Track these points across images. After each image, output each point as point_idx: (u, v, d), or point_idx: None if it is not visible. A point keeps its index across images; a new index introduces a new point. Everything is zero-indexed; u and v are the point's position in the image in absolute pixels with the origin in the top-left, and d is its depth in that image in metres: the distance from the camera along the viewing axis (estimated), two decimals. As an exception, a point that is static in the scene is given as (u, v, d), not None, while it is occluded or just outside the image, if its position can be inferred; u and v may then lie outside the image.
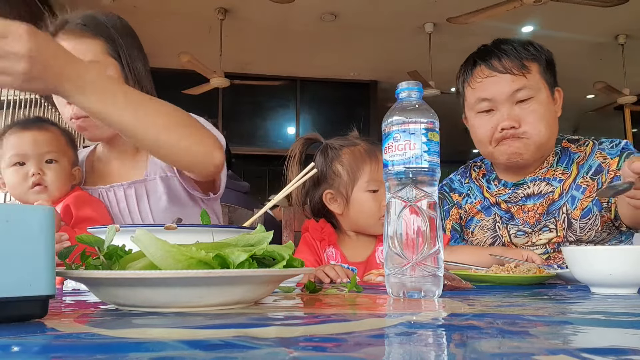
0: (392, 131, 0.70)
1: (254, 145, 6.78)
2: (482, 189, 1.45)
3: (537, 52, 1.32)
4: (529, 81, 1.28)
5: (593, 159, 1.34)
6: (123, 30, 1.23)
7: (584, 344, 0.36)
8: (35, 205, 0.43)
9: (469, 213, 1.45)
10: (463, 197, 1.48)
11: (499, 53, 1.31)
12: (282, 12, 5.09)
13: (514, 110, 1.29)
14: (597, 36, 5.73)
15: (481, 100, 1.32)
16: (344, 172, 1.32)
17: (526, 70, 1.28)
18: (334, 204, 1.34)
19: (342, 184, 1.32)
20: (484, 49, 1.37)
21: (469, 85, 1.36)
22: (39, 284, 0.42)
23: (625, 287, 0.75)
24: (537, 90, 1.29)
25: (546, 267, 1.09)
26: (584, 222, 1.30)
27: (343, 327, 0.41)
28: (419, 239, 0.67)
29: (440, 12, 5.10)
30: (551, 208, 1.33)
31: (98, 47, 1.17)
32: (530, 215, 1.35)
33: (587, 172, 1.33)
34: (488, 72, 1.31)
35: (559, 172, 1.36)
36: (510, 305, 0.58)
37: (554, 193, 1.34)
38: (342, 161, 1.33)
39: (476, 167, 1.52)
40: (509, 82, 1.28)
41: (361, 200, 1.30)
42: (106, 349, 0.33)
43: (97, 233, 0.65)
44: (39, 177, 1.16)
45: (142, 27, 6.04)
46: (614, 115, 7.51)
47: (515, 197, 1.38)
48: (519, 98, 1.28)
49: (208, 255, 0.51)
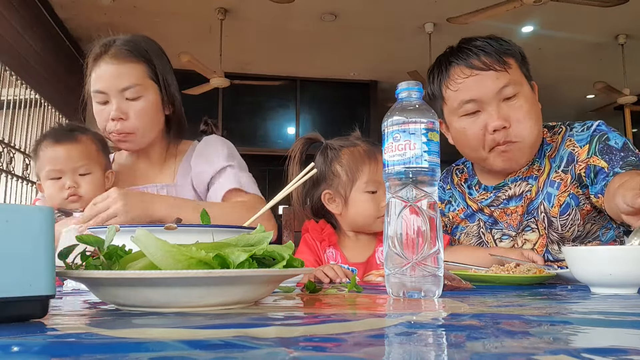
0: (392, 131, 0.70)
1: (254, 145, 6.78)
2: (464, 195, 1.40)
3: (510, 46, 1.25)
4: (512, 76, 1.21)
5: (563, 149, 1.27)
6: (160, 55, 1.36)
7: (584, 344, 0.36)
8: (35, 206, 0.44)
9: (453, 221, 1.42)
10: (445, 205, 1.43)
11: (476, 50, 1.22)
12: (282, 12, 5.08)
13: (502, 108, 1.21)
14: (597, 36, 5.72)
15: (465, 102, 1.23)
16: (343, 173, 1.31)
17: (507, 66, 1.21)
18: (332, 204, 1.34)
19: (341, 184, 1.32)
20: (456, 48, 1.28)
21: (448, 87, 1.25)
22: (39, 284, 0.42)
23: (625, 287, 0.75)
24: (520, 85, 1.22)
25: (546, 267, 1.09)
26: (563, 219, 1.25)
27: (343, 327, 0.41)
28: (419, 239, 0.67)
29: (440, 12, 5.09)
30: (530, 207, 1.29)
31: (140, 71, 1.29)
32: (513, 217, 1.31)
33: (559, 165, 1.26)
34: (469, 72, 1.22)
35: (535, 169, 1.30)
36: (510, 305, 0.58)
37: (531, 192, 1.29)
38: (341, 162, 1.33)
39: (458, 170, 1.46)
40: (494, 80, 1.20)
41: (359, 201, 1.30)
42: (106, 349, 0.33)
43: (97, 233, 0.65)
44: (73, 190, 1.27)
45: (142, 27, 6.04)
46: (614, 115, 7.51)
47: (497, 201, 1.34)
48: (506, 95, 1.21)
49: (208, 255, 0.51)
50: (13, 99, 4.06)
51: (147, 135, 1.34)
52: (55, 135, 1.30)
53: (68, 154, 1.28)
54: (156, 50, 1.35)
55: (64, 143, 1.28)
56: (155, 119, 1.34)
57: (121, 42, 1.30)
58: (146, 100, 1.30)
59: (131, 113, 1.29)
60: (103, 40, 1.32)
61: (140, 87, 1.28)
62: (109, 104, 1.29)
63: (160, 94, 1.33)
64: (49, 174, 1.28)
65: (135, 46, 1.31)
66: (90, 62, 1.31)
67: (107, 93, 1.28)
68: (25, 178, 4.14)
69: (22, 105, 4.19)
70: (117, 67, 1.27)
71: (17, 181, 4.01)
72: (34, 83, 4.38)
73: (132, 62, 1.29)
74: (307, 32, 5.67)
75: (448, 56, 1.28)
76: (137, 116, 1.29)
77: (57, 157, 1.27)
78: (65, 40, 5.22)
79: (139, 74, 1.29)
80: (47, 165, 1.28)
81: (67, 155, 1.28)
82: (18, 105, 4.12)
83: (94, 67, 1.30)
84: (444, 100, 1.28)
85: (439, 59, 1.31)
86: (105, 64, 1.28)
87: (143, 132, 1.32)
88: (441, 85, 1.28)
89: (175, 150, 1.44)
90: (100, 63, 1.28)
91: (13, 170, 3.93)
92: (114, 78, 1.27)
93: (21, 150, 4.08)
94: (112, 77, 1.27)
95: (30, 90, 4.34)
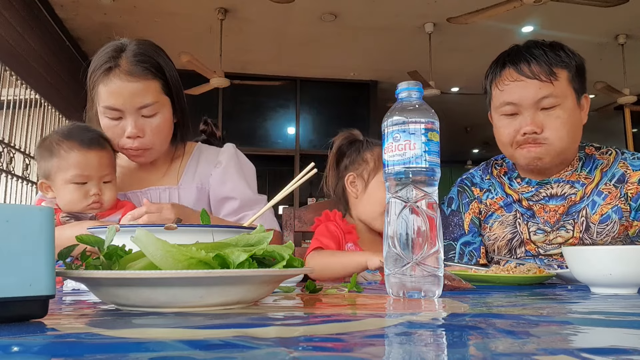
0: (392, 131, 0.70)
1: (254, 145, 6.78)
2: (503, 186, 1.46)
3: (568, 58, 1.32)
4: (555, 89, 1.28)
5: (616, 168, 1.36)
6: (171, 67, 1.34)
7: (584, 344, 0.36)
8: (35, 206, 0.44)
9: (490, 208, 1.46)
10: (484, 192, 1.49)
11: (529, 57, 1.30)
12: (282, 12, 5.08)
13: (537, 116, 1.29)
14: (597, 36, 5.72)
15: (506, 104, 1.32)
16: (372, 160, 1.41)
17: (554, 78, 1.28)
18: (353, 187, 1.42)
19: (366, 170, 1.40)
20: (515, 50, 1.36)
21: (497, 86, 1.36)
22: (39, 284, 0.42)
23: (625, 287, 0.75)
24: (563, 98, 1.29)
25: (546, 267, 1.09)
26: (601, 227, 1.32)
27: (343, 327, 0.41)
28: (419, 239, 0.67)
29: (440, 12, 5.09)
30: (571, 210, 1.35)
31: (157, 88, 1.28)
32: (551, 214, 1.36)
33: (611, 179, 1.35)
34: (516, 76, 1.31)
35: (583, 177, 1.37)
36: (510, 305, 0.58)
37: (575, 195, 1.35)
38: (372, 152, 1.42)
39: (497, 164, 1.53)
40: (536, 89, 1.28)
41: (378, 189, 1.38)
42: (106, 349, 0.33)
43: (97, 233, 0.65)
44: (98, 197, 1.25)
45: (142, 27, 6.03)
46: (614, 115, 7.51)
47: (538, 196, 1.39)
48: (544, 105, 1.28)
49: (208, 255, 0.51)
50: (13, 99, 4.07)
51: (161, 149, 1.35)
52: (83, 139, 1.25)
53: (99, 161, 1.25)
54: (167, 61, 1.33)
55: (95, 149, 1.25)
56: (169, 133, 1.35)
57: (132, 54, 1.25)
58: (162, 117, 1.29)
59: (148, 130, 1.27)
60: (109, 48, 1.27)
61: (157, 105, 1.27)
62: (122, 120, 1.26)
63: (173, 107, 1.33)
64: (74, 178, 1.23)
65: (149, 60, 1.27)
66: (99, 74, 1.25)
67: (123, 110, 1.25)
68: (25, 178, 4.14)
69: (22, 105, 4.19)
70: (134, 85, 1.23)
71: (17, 181, 4.01)
72: (34, 83, 4.38)
73: (148, 79, 1.25)
74: (307, 32, 5.67)
75: (505, 57, 1.36)
76: (154, 133, 1.28)
77: (88, 163, 1.23)
78: (65, 40, 5.22)
79: (155, 91, 1.27)
80: (73, 169, 1.23)
81: (98, 163, 1.24)
82: (18, 105, 4.13)
83: (104, 80, 1.25)
84: (492, 96, 1.39)
85: (499, 57, 1.40)
86: (119, 80, 1.23)
87: (159, 147, 1.33)
88: (492, 83, 1.38)
89: (180, 152, 1.43)
90: (112, 78, 1.23)
91: (13, 170, 3.93)
92: (130, 96, 1.24)
93: (21, 150, 4.08)
94: (129, 95, 1.24)
95: (30, 90, 4.34)
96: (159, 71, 1.28)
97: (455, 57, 6.18)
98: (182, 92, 1.38)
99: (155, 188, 1.38)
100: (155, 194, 1.37)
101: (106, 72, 1.24)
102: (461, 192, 1.52)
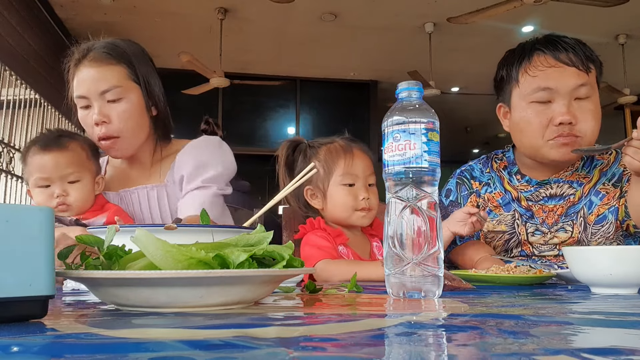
0: (392, 131, 0.70)
1: (254, 145, 6.78)
2: (503, 180, 1.45)
3: (594, 55, 1.32)
4: (590, 79, 1.27)
5: (616, 167, 1.35)
6: (142, 56, 1.34)
7: (584, 344, 0.36)
8: (35, 206, 0.43)
9: (487, 203, 1.45)
10: (483, 186, 1.47)
11: (565, 45, 1.28)
12: (282, 12, 5.08)
13: (572, 105, 1.26)
14: (597, 36, 5.71)
15: (541, 89, 1.27)
16: (320, 167, 1.34)
17: (589, 69, 1.27)
18: (314, 200, 1.38)
19: (319, 179, 1.35)
20: (547, 38, 1.33)
21: (527, 72, 1.30)
22: (39, 284, 0.42)
23: (625, 287, 0.75)
24: (594, 90, 1.28)
25: (546, 267, 1.09)
26: (596, 228, 1.31)
27: (343, 327, 0.41)
28: (419, 239, 0.67)
29: (440, 12, 5.09)
30: (570, 210, 1.34)
31: (120, 73, 1.28)
32: (549, 215, 1.36)
33: (610, 179, 1.34)
34: (554, 62, 1.27)
35: (582, 176, 1.37)
36: (511, 306, 0.58)
37: (574, 196, 1.35)
38: (318, 157, 1.37)
39: (497, 159, 1.51)
40: (575, 76, 1.26)
41: (337, 194, 1.34)
42: (106, 349, 0.33)
43: (97, 233, 0.65)
44: (62, 199, 1.24)
45: (142, 27, 6.03)
46: (614, 115, 7.50)
47: (537, 196, 1.38)
48: (579, 94, 1.26)
49: (208, 255, 0.51)
50: (13, 99, 4.06)
51: (133, 139, 1.33)
52: (43, 142, 1.26)
53: (56, 162, 1.24)
54: (137, 51, 1.34)
55: (52, 150, 1.25)
56: (140, 122, 1.33)
57: (100, 45, 1.30)
58: (128, 102, 1.29)
59: (113, 115, 1.27)
60: (82, 46, 1.31)
61: (121, 89, 1.27)
62: (91, 109, 1.28)
63: (143, 95, 1.32)
64: (37, 182, 1.24)
65: (114, 48, 1.30)
66: (71, 68, 1.31)
67: (88, 97, 1.27)
68: (25, 178, 4.14)
69: (22, 105, 4.19)
70: (97, 70, 1.26)
71: (17, 181, 4.01)
72: (34, 83, 4.37)
73: (111, 64, 1.28)
74: (307, 32, 5.67)
75: (534, 43, 1.32)
76: (120, 118, 1.28)
77: (45, 165, 1.24)
78: (65, 40, 5.22)
79: (119, 76, 1.28)
80: (35, 173, 1.24)
81: (55, 163, 1.24)
82: (18, 105, 4.12)
83: (75, 73, 1.29)
84: (518, 83, 1.32)
85: (522, 44, 1.35)
86: (85, 68, 1.27)
87: (128, 135, 1.31)
88: (519, 69, 1.32)
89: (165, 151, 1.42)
90: (80, 68, 1.28)
91: (13, 170, 3.93)
92: (93, 81, 1.26)
93: (21, 150, 4.08)
94: (92, 80, 1.26)
95: (30, 90, 4.34)
96: (124, 57, 1.29)
97: (455, 57, 6.18)
98: (157, 82, 1.36)
99: (144, 187, 1.38)
100: (143, 193, 1.38)
101: (76, 64, 1.29)
102: (460, 184, 1.50)
